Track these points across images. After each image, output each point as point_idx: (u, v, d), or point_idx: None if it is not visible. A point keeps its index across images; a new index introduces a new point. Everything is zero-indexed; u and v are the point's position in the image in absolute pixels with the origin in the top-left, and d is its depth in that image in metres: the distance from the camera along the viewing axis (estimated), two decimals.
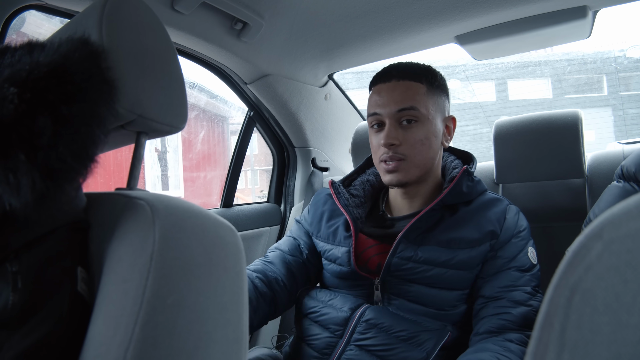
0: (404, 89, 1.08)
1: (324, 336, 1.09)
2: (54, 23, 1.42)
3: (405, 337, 1.00)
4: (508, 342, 0.95)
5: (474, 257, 1.04)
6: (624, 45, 10.59)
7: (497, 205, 1.12)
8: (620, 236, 0.28)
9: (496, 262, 1.06)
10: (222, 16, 1.36)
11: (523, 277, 1.04)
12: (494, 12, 1.44)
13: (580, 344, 0.27)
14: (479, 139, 10.57)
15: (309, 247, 1.26)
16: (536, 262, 1.10)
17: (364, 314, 1.06)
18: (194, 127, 4.44)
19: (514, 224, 1.09)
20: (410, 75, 1.09)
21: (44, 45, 0.56)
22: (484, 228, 1.06)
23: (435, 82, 1.13)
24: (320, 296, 1.16)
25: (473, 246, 1.05)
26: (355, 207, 1.19)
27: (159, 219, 0.53)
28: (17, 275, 0.49)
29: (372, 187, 1.26)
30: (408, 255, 1.05)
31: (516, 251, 1.07)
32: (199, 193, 4.56)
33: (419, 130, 1.07)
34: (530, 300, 1.02)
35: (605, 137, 10.22)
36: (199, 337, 0.50)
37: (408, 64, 1.13)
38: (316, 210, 1.28)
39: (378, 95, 1.10)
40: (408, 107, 1.06)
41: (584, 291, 0.28)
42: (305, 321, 1.15)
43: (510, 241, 1.07)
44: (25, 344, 0.47)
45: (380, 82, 1.12)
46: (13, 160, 0.47)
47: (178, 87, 0.70)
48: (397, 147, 1.06)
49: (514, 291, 1.02)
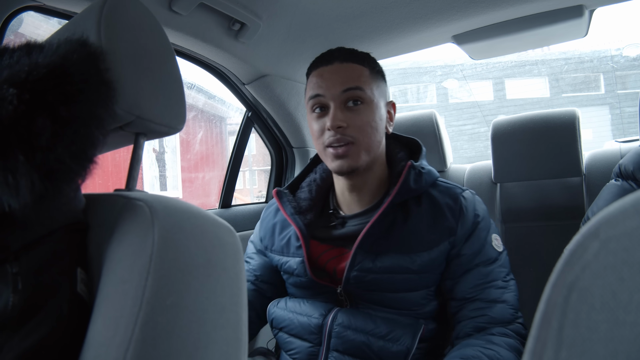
0: (349, 70, 1.04)
1: (304, 347, 1.07)
2: (52, 24, 1.42)
3: (381, 335, 0.98)
4: (490, 335, 0.96)
5: (435, 259, 1.01)
6: (621, 43, 10.62)
7: (450, 197, 1.07)
8: (616, 234, 0.28)
9: (461, 261, 1.02)
10: (220, 17, 1.36)
11: (492, 271, 1.02)
12: (491, 11, 1.44)
13: (577, 342, 0.27)
14: (476, 138, 10.59)
15: (260, 268, 1.23)
16: (502, 249, 1.07)
17: (336, 317, 1.04)
18: (192, 127, 4.44)
19: (471, 215, 1.05)
20: (353, 58, 1.05)
21: (42, 47, 0.56)
22: (440, 225, 1.02)
23: (376, 66, 1.10)
24: (290, 306, 1.13)
25: (432, 247, 1.01)
26: (304, 212, 1.15)
27: (158, 220, 0.53)
28: (17, 276, 0.49)
29: (318, 187, 1.20)
30: (367, 266, 1.02)
31: (479, 245, 1.03)
32: (197, 194, 4.56)
33: (366, 113, 1.02)
34: (504, 294, 1.00)
35: (602, 135, 10.25)
36: (198, 338, 0.50)
37: (349, 48, 1.09)
38: (267, 224, 1.24)
39: (320, 78, 1.05)
40: (354, 86, 1.01)
41: (581, 289, 0.28)
42: (282, 335, 1.12)
43: (471, 236, 1.03)
44: (25, 345, 0.47)
45: (322, 65, 1.06)
46: (12, 161, 0.47)
47: (176, 88, 0.70)
48: (345, 129, 1.00)
49: (486, 289, 1.00)
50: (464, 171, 1.87)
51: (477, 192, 1.78)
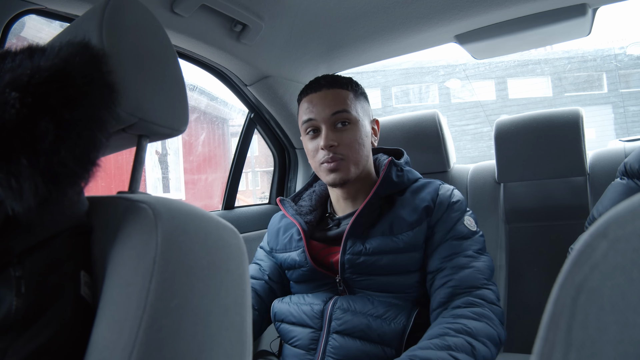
0: (335, 95, 1.18)
1: (305, 333, 1.14)
2: (54, 27, 1.43)
3: (378, 314, 1.07)
4: (455, 309, 1.02)
5: (417, 237, 1.11)
6: (624, 42, 10.58)
7: (429, 186, 1.20)
8: (625, 235, 0.28)
9: (435, 238, 1.13)
10: (222, 18, 1.36)
11: (462, 244, 1.11)
12: (494, 11, 1.44)
13: (587, 344, 0.27)
14: (479, 138, 10.58)
15: (269, 268, 1.33)
16: (476, 229, 1.17)
17: (336, 302, 1.14)
18: (194, 129, 4.45)
19: (447, 198, 1.17)
20: (337, 84, 1.20)
21: (44, 50, 0.56)
22: (419, 207, 1.14)
23: (359, 89, 1.25)
24: (293, 300, 1.22)
25: (413, 227, 1.12)
26: (305, 214, 1.29)
27: (162, 222, 0.53)
28: (21, 280, 0.49)
29: (317, 196, 1.35)
30: (358, 249, 1.13)
31: (451, 223, 1.14)
32: (200, 195, 4.57)
33: (352, 132, 1.17)
34: (472, 262, 1.08)
35: (605, 134, 10.23)
36: (202, 340, 0.50)
37: (334, 75, 1.23)
38: (273, 229, 1.36)
39: (310, 103, 1.19)
40: (341, 109, 1.16)
41: (589, 290, 0.28)
42: (284, 327, 1.21)
43: (444, 215, 1.15)
44: (29, 348, 0.47)
45: (311, 92, 1.20)
46: (15, 164, 0.47)
47: (179, 89, 0.70)
48: (336, 148, 1.15)
49: (455, 258, 1.09)
50: (467, 171, 1.87)
51: (480, 192, 1.79)
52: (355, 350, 1.06)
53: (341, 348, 1.07)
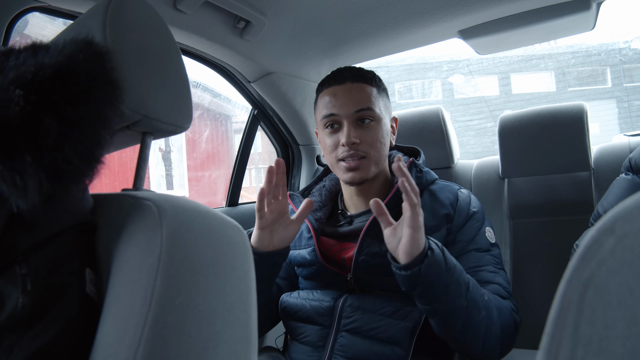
0: (359, 90, 1.13)
1: (314, 330, 1.13)
2: (57, 25, 1.43)
3: (389, 313, 1.05)
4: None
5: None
6: (629, 36, 10.53)
7: (448, 191, 1.18)
8: (633, 230, 0.28)
9: (456, 246, 1.11)
10: (225, 15, 1.35)
11: (484, 257, 1.11)
12: (497, 5, 1.43)
13: (594, 340, 0.27)
14: (483, 134, 10.56)
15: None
16: (495, 242, 1.16)
17: (346, 300, 1.11)
18: (197, 126, 4.45)
19: (467, 206, 1.15)
20: (363, 78, 1.15)
21: (48, 47, 0.56)
22: (439, 213, 1.12)
23: (381, 85, 1.20)
24: (302, 295, 1.20)
25: (432, 233, 1.09)
26: (315, 210, 1.24)
27: (166, 219, 0.53)
28: (26, 277, 0.49)
29: (328, 192, 1.31)
30: (374, 251, 1.09)
31: (473, 233, 1.12)
32: (204, 192, 4.58)
33: (375, 130, 1.12)
34: (495, 277, 1.08)
35: (609, 129, 10.19)
36: (208, 337, 0.50)
37: (357, 68, 1.18)
38: None
39: (333, 97, 1.14)
40: (365, 107, 1.11)
41: (597, 286, 0.28)
42: (292, 323, 1.19)
43: (466, 224, 1.13)
44: (35, 345, 0.47)
45: (335, 84, 1.15)
46: (19, 162, 0.47)
47: (182, 86, 0.70)
48: (358, 145, 1.11)
49: (480, 272, 1.08)
50: (471, 167, 1.86)
51: (484, 188, 1.78)
52: (364, 349, 1.05)
53: (350, 346, 1.06)
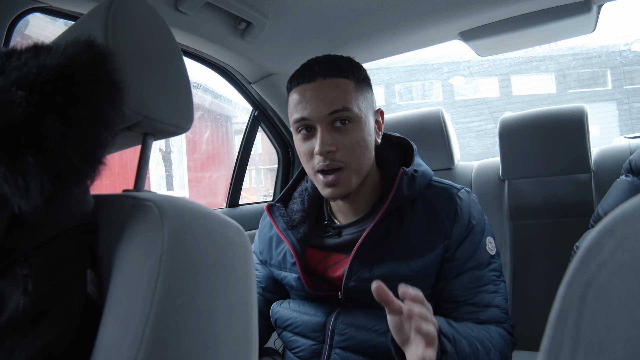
0: (332, 87, 0.98)
1: (308, 345, 1.07)
2: (59, 25, 1.43)
3: (382, 331, 0.98)
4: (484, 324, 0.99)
5: (430, 263, 1.00)
6: (629, 39, 10.53)
7: (445, 198, 1.04)
8: (633, 232, 0.28)
9: (454, 265, 1.01)
10: (226, 16, 1.36)
11: (484, 275, 1.02)
12: (498, 7, 1.43)
13: (595, 342, 0.27)
14: (483, 135, 10.56)
15: (264, 278, 1.22)
16: (495, 252, 1.07)
17: (338, 316, 1.04)
18: (198, 127, 4.45)
19: (466, 218, 1.03)
20: (336, 72, 0.99)
21: (50, 48, 0.56)
22: (435, 229, 1.01)
23: (361, 75, 1.03)
24: (293, 306, 1.13)
25: (428, 252, 1.00)
26: (297, 225, 1.13)
27: (167, 220, 0.53)
28: (28, 278, 0.49)
29: (310, 197, 1.18)
30: (364, 276, 1.00)
31: (472, 249, 1.02)
32: (204, 193, 4.57)
33: (354, 132, 0.99)
34: (495, 299, 1.01)
35: (610, 131, 10.20)
36: (208, 338, 0.50)
37: (330, 58, 1.03)
38: (264, 237, 1.22)
39: (302, 97, 1.00)
40: (341, 108, 0.97)
41: (597, 288, 0.28)
42: (286, 334, 1.13)
43: (465, 239, 1.02)
44: (36, 346, 0.47)
45: (304, 82, 1.01)
46: (22, 163, 0.47)
47: (183, 87, 0.70)
48: (334, 153, 0.97)
49: (479, 293, 1.01)
50: (471, 168, 1.86)
51: (485, 190, 1.79)
52: None
53: None
